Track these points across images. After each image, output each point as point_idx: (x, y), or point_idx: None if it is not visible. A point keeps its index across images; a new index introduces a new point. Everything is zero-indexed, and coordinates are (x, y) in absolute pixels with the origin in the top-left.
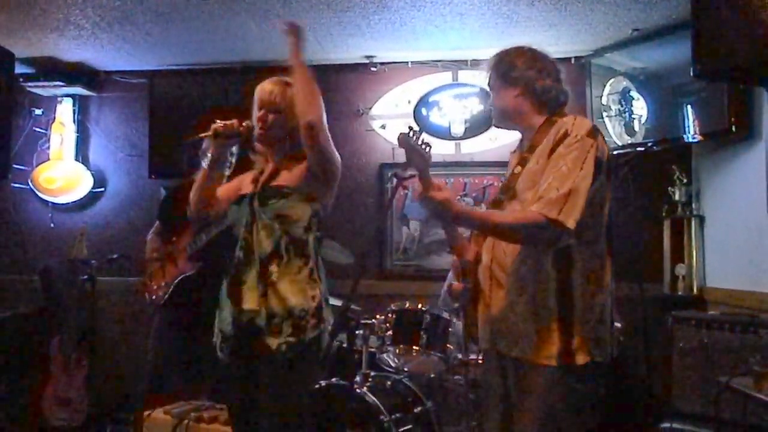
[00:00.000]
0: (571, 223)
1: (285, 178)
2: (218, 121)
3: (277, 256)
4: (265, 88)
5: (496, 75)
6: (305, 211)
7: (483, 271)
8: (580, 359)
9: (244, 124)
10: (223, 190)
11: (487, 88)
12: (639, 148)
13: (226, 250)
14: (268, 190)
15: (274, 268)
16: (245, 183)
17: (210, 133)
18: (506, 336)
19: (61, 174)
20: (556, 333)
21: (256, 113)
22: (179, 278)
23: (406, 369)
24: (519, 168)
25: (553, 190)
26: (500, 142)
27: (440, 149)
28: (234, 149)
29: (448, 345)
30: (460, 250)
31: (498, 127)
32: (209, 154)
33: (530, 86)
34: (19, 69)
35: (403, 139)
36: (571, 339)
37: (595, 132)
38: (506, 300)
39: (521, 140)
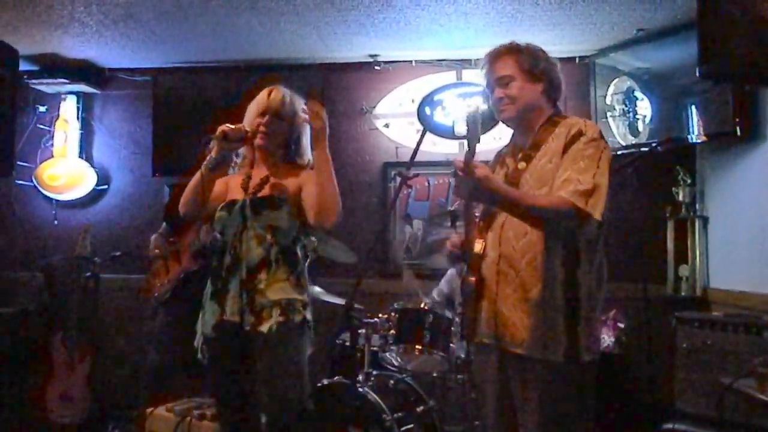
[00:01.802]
0: (597, 215)
1: (277, 188)
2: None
3: (266, 264)
4: (271, 94)
5: (522, 67)
6: (296, 223)
7: (489, 267)
8: (586, 356)
9: (248, 128)
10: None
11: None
12: (643, 149)
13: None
14: (260, 199)
15: (262, 275)
16: (233, 188)
17: (218, 134)
18: (512, 332)
19: (64, 171)
20: (562, 329)
21: (256, 118)
22: (182, 275)
23: (408, 368)
24: (523, 164)
25: (574, 181)
26: (504, 141)
27: (444, 148)
28: (240, 150)
29: (450, 344)
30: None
31: (507, 122)
32: (211, 156)
33: (552, 82)
34: (23, 66)
35: (472, 116)
36: (576, 336)
37: (603, 135)
38: (514, 296)
39: (514, 137)
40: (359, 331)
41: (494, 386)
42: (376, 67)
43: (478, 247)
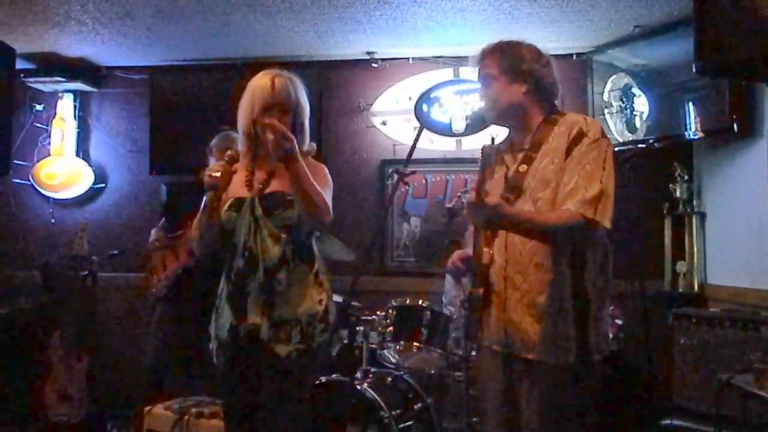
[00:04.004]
0: (607, 223)
1: (283, 183)
2: (207, 170)
3: (284, 263)
4: (275, 84)
5: (501, 67)
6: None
7: (497, 273)
8: (596, 356)
9: (227, 155)
10: None
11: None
12: (640, 145)
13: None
14: (270, 197)
15: (282, 276)
16: (236, 183)
17: (206, 182)
18: (523, 338)
19: (61, 170)
20: (573, 332)
21: (261, 112)
22: (179, 271)
23: (406, 365)
24: (524, 166)
25: (581, 189)
26: (501, 139)
27: (441, 146)
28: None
29: (448, 341)
30: (465, 253)
31: (494, 123)
32: (203, 203)
33: (539, 82)
34: (20, 64)
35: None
36: (587, 338)
37: (604, 132)
38: (523, 302)
39: (511, 138)
40: (357, 328)
41: (498, 385)
42: (373, 65)
43: (485, 257)
